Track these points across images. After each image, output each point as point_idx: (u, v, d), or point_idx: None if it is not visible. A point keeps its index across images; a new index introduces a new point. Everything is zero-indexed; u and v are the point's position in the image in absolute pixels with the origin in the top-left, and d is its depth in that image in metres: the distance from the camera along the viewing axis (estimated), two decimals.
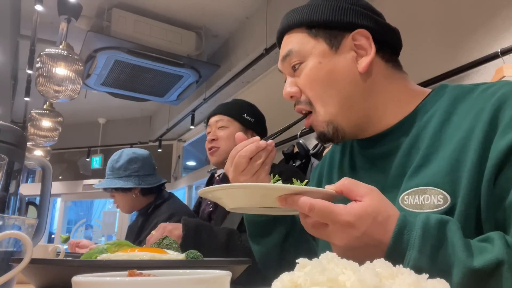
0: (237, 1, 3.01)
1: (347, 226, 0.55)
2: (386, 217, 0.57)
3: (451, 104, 0.73)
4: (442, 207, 0.64)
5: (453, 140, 0.68)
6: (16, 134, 0.86)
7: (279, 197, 0.59)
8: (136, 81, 3.48)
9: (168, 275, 0.43)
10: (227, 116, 1.67)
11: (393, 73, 0.81)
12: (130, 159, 2.02)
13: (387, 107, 0.79)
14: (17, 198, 0.88)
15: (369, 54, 0.77)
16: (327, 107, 0.78)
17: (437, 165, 0.67)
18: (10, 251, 0.61)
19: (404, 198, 0.69)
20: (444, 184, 0.65)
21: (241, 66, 3.26)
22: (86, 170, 5.74)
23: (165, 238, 0.94)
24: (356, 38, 0.78)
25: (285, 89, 0.82)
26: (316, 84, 0.78)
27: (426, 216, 0.57)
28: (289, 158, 2.56)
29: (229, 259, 0.82)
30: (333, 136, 0.80)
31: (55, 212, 6.23)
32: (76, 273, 0.39)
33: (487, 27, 1.68)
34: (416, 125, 0.76)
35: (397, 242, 0.55)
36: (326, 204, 0.56)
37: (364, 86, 0.78)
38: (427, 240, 0.54)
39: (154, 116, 5.53)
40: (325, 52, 0.78)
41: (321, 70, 0.78)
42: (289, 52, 0.82)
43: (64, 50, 2.52)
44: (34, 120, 3.43)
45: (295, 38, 0.82)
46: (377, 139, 0.81)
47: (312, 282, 0.35)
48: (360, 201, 0.57)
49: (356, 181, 0.60)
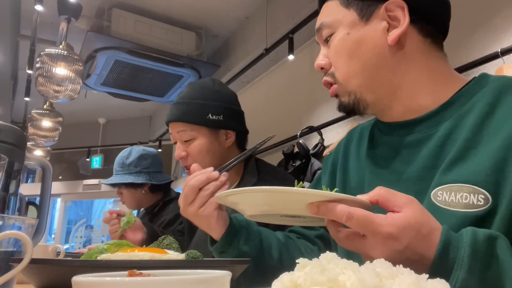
0: (237, 1, 3.01)
1: (389, 238, 0.51)
2: (430, 230, 0.52)
3: (496, 96, 0.67)
4: (482, 208, 0.59)
5: (498, 135, 0.62)
6: (16, 134, 0.86)
7: (310, 204, 0.54)
8: (136, 81, 3.48)
9: (168, 275, 0.43)
10: (188, 125, 1.30)
11: (432, 49, 0.75)
12: (141, 156, 2.01)
13: (421, 87, 0.73)
14: (17, 198, 0.88)
15: (401, 25, 0.71)
16: (350, 78, 0.75)
17: (478, 162, 0.62)
18: (10, 251, 0.61)
19: (437, 194, 0.64)
20: (487, 184, 0.59)
21: (241, 66, 3.26)
22: (86, 170, 5.74)
23: (165, 238, 0.94)
24: (390, 8, 0.72)
25: (316, 61, 0.79)
26: (342, 55, 0.75)
27: (473, 231, 0.52)
28: (289, 158, 2.56)
29: (229, 259, 0.81)
30: (353, 106, 0.76)
31: (55, 212, 6.23)
32: (76, 273, 0.38)
33: (487, 27, 1.68)
34: (453, 115, 0.69)
35: (442, 259, 0.51)
36: (366, 213, 0.52)
37: (393, 59, 0.73)
38: (477, 260, 0.50)
39: (154, 116, 5.53)
40: (355, 22, 0.74)
41: (348, 41, 0.74)
42: (321, 25, 0.78)
43: (64, 50, 2.52)
44: (34, 120, 3.44)
45: (328, 8, 0.79)
46: (407, 125, 0.75)
47: (312, 282, 0.35)
48: (398, 211, 0.52)
49: (393, 190, 0.55)
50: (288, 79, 3.01)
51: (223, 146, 1.34)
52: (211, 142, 1.31)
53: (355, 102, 0.75)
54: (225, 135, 1.34)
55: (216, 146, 1.32)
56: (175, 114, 1.32)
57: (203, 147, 1.30)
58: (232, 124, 1.35)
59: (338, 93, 0.78)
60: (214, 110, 1.31)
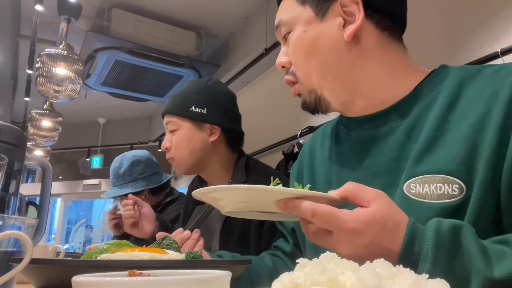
0: (237, 1, 3.01)
1: (353, 234, 0.52)
2: (396, 224, 0.52)
3: (458, 85, 0.68)
4: (457, 198, 0.59)
5: (463, 124, 0.63)
6: (16, 134, 0.86)
7: (278, 201, 0.55)
8: (136, 81, 3.48)
9: (168, 275, 0.43)
10: (173, 116, 1.35)
11: (390, 43, 0.74)
12: (132, 163, 1.99)
13: (381, 81, 0.73)
14: (17, 198, 0.88)
15: (356, 21, 0.71)
16: (309, 76, 0.75)
17: (448, 151, 0.62)
18: (10, 251, 0.61)
19: (410, 186, 0.63)
20: (460, 172, 0.60)
21: (241, 66, 3.26)
22: (86, 170, 5.74)
23: (165, 238, 0.94)
24: (344, 3, 0.72)
25: (277, 59, 0.79)
26: (300, 53, 0.75)
27: (438, 222, 0.53)
28: (289, 158, 2.56)
29: (229, 259, 0.82)
30: (315, 105, 0.76)
31: (55, 212, 6.23)
32: (76, 273, 0.38)
33: (487, 27, 1.68)
34: (417, 106, 0.70)
35: (408, 252, 0.51)
36: (330, 209, 0.52)
37: (351, 55, 0.72)
38: (441, 250, 0.50)
39: (154, 116, 5.53)
40: (311, 19, 0.74)
41: (305, 39, 0.74)
42: (279, 22, 0.78)
43: (64, 50, 2.52)
44: (34, 120, 3.44)
45: (285, 6, 0.78)
46: (371, 119, 0.75)
47: (312, 282, 0.35)
48: (366, 206, 0.53)
49: (362, 185, 0.55)
50: None
51: (206, 141, 1.33)
52: (192, 135, 1.33)
53: (316, 100, 0.76)
54: (209, 129, 1.34)
55: (198, 140, 1.33)
56: (165, 107, 1.38)
57: (184, 138, 1.32)
58: (217, 119, 1.34)
59: (300, 91, 0.78)
60: (197, 103, 1.33)
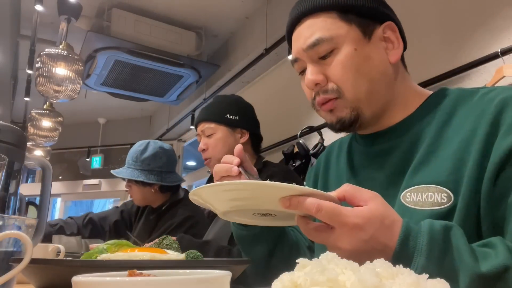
0: (237, 1, 3.01)
1: (355, 229, 0.55)
2: (392, 221, 0.56)
3: (452, 106, 0.75)
4: (445, 205, 0.65)
5: (454, 140, 0.70)
6: (16, 134, 0.86)
7: (282, 198, 0.56)
8: (136, 81, 3.48)
9: (168, 275, 0.43)
10: (210, 123, 1.62)
11: (404, 70, 0.83)
12: (156, 154, 1.97)
13: (399, 103, 0.81)
14: (17, 198, 0.88)
15: (399, 47, 0.79)
16: (358, 94, 0.76)
17: (440, 164, 0.69)
18: (10, 251, 0.61)
19: (406, 195, 0.70)
20: (448, 183, 0.66)
21: (241, 66, 3.26)
22: (86, 170, 5.74)
23: (165, 238, 0.94)
24: (385, 30, 0.79)
25: (309, 77, 0.77)
26: (351, 71, 0.76)
27: (430, 222, 0.57)
28: (289, 158, 2.56)
29: (229, 259, 0.82)
30: (352, 122, 0.78)
31: (55, 212, 6.23)
32: (76, 273, 0.39)
33: (487, 27, 1.68)
34: (417, 125, 0.77)
35: (403, 247, 0.55)
36: (334, 205, 0.55)
37: (390, 77, 0.79)
38: (434, 246, 0.54)
39: (154, 116, 5.53)
40: (360, 39, 0.76)
41: (356, 57, 0.76)
42: (319, 40, 0.76)
43: (64, 50, 2.52)
44: (34, 120, 3.44)
45: (323, 23, 0.77)
46: (377, 136, 0.82)
47: (312, 282, 0.35)
48: (364, 205, 0.56)
49: (358, 187, 0.59)
50: (288, 79, 3.01)
51: (238, 143, 1.56)
52: (227, 137, 1.60)
53: (355, 117, 0.78)
54: (240, 133, 1.62)
55: (231, 142, 1.59)
56: (200, 116, 1.67)
57: (221, 140, 1.59)
58: (247, 125, 1.65)
59: (338, 108, 0.78)
60: (230, 111, 1.63)
